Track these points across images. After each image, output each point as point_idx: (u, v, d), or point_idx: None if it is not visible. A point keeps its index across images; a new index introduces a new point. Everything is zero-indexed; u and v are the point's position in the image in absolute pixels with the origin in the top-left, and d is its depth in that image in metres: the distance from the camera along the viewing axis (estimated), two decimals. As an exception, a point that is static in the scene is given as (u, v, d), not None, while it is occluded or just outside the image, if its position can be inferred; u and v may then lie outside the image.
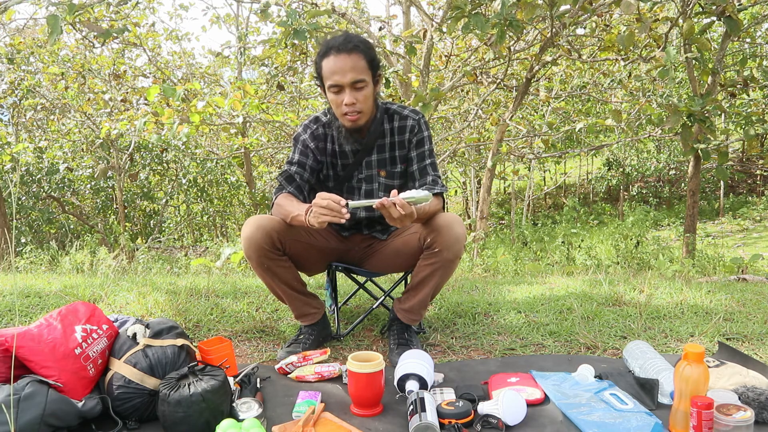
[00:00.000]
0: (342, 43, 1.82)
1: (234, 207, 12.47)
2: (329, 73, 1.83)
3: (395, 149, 2.02)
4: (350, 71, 1.81)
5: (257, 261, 1.89)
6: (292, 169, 1.99)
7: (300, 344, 2.01)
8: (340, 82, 1.82)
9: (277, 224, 1.89)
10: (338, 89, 1.84)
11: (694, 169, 5.88)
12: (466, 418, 1.46)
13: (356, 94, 1.84)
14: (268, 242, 1.87)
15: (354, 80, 1.82)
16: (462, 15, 4.05)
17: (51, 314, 1.53)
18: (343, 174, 2.05)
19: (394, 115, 2.01)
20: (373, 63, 1.87)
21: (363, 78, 1.84)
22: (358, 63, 1.83)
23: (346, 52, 1.81)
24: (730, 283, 3.47)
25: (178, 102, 5.10)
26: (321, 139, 2.02)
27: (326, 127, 2.03)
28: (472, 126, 8.44)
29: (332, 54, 1.82)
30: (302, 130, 2.03)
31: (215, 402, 1.41)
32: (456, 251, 1.84)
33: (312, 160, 2.01)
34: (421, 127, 2.00)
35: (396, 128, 2.00)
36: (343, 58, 1.81)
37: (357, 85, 1.83)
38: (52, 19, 3.24)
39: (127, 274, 4.02)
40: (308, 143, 2.01)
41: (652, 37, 5.17)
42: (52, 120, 9.78)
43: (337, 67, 1.81)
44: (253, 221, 1.90)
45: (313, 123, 2.04)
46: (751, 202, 14.67)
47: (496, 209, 17.64)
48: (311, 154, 2.01)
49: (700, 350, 1.38)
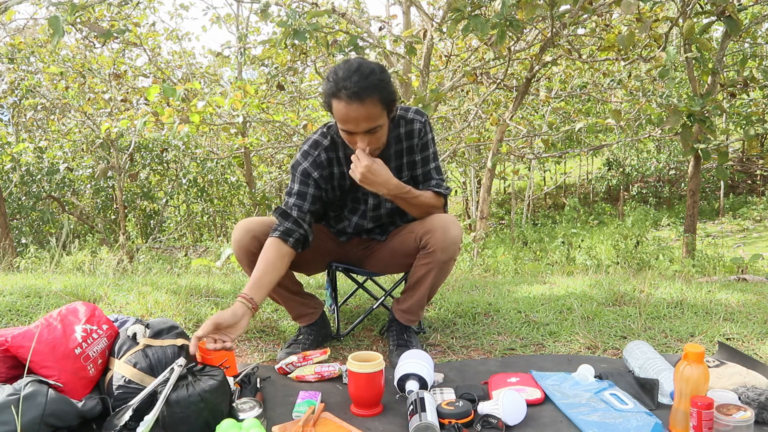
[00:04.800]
0: (355, 91, 1.62)
1: (234, 207, 12.47)
2: (340, 119, 1.69)
3: (403, 156, 1.94)
4: (364, 121, 1.67)
5: (248, 265, 1.90)
6: (290, 201, 1.87)
7: (300, 344, 2.01)
8: (353, 130, 1.70)
9: (266, 228, 1.88)
10: (350, 134, 1.73)
11: (694, 169, 5.88)
12: (466, 418, 1.46)
13: (371, 137, 1.73)
14: (257, 246, 1.85)
15: (367, 129, 1.70)
16: (462, 17, 4.05)
17: (51, 314, 1.53)
18: (350, 186, 1.96)
19: (400, 121, 1.89)
20: (388, 102, 1.71)
21: (378, 124, 1.71)
22: (372, 111, 1.67)
23: (358, 101, 1.63)
24: (730, 283, 3.47)
25: (178, 102, 5.10)
26: (324, 166, 1.89)
27: (329, 150, 1.90)
28: (472, 126, 8.44)
29: (344, 100, 1.64)
30: (301, 158, 1.89)
31: (214, 402, 1.41)
32: (450, 253, 1.83)
33: (314, 188, 1.89)
34: (426, 130, 1.93)
35: (403, 134, 1.91)
36: (356, 108, 1.64)
37: (371, 131, 1.72)
38: (54, 20, 3.22)
39: (127, 274, 4.02)
40: (310, 172, 1.88)
41: (652, 37, 5.16)
42: (52, 120, 9.78)
43: (349, 117, 1.66)
44: (242, 225, 1.89)
45: (313, 149, 1.89)
46: (751, 202, 14.67)
47: (496, 209, 17.64)
48: (313, 182, 1.88)
49: (700, 350, 1.38)
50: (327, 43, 4.56)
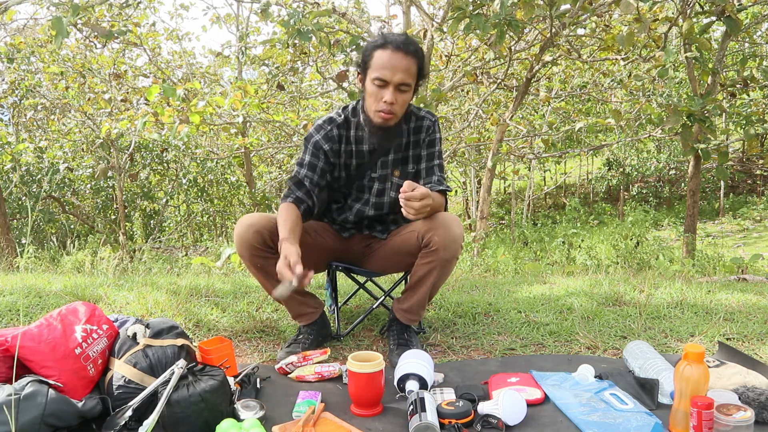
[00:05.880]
0: (403, 42, 1.80)
1: (234, 207, 12.46)
2: (379, 66, 1.80)
3: (410, 149, 2.02)
4: (402, 72, 1.79)
5: (249, 259, 1.90)
6: (302, 172, 1.96)
7: (299, 344, 2.01)
8: (389, 78, 1.79)
9: (270, 223, 1.89)
10: (382, 84, 1.81)
11: (694, 169, 5.88)
12: (466, 418, 1.46)
13: (398, 95, 1.82)
14: (260, 241, 1.87)
15: (402, 82, 1.80)
16: (463, 16, 4.05)
17: (51, 314, 1.53)
18: (356, 173, 2.03)
19: (411, 116, 2.00)
20: (421, 72, 1.86)
21: (410, 83, 1.82)
22: (411, 67, 1.81)
23: (404, 51, 1.79)
24: (730, 283, 3.47)
25: (178, 102, 5.10)
26: (335, 140, 1.98)
27: (341, 127, 1.99)
28: (472, 126, 8.44)
29: (390, 48, 1.79)
30: (314, 131, 1.98)
31: (214, 402, 1.41)
32: (453, 251, 1.85)
33: (323, 161, 1.98)
34: (435, 128, 2.02)
35: (413, 128, 2.01)
36: (400, 57, 1.79)
37: (402, 87, 1.81)
38: (58, 21, 3.21)
39: (127, 274, 4.02)
40: (321, 145, 1.97)
41: (652, 37, 5.17)
42: (52, 120, 9.78)
43: (390, 63, 1.78)
44: (245, 220, 1.90)
45: (327, 123, 1.99)
46: (751, 202, 14.66)
47: (496, 209, 17.62)
48: (323, 155, 1.97)
49: (700, 350, 1.38)
50: (329, 43, 4.56)
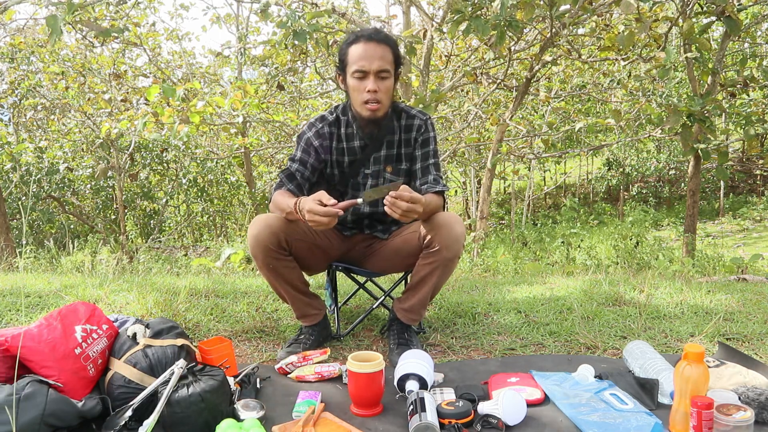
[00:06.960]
0: (373, 33, 1.88)
1: (234, 207, 12.46)
2: (356, 59, 1.86)
3: (402, 146, 2.04)
4: (378, 59, 1.85)
5: (263, 260, 1.90)
6: (294, 166, 2.00)
7: (300, 344, 2.01)
8: (367, 68, 1.85)
9: (284, 224, 1.89)
10: (362, 75, 1.86)
11: (694, 169, 5.88)
12: (466, 418, 1.46)
13: (379, 83, 1.87)
14: (274, 242, 1.87)
15: (380, 69, 1.85)
16: (463, 18, 4.05)
17: (51, 314, 1.53)
18: (350, 170, 2.05)
19: (402, 113, 2.03)
20: (397, 59, 1.92)
21: (388, 68, 1.87)
22: (386, 54, 1.87)
23: (376, 41, 1.86)
24: (730, 283, 3.47)
25: (178, 102, 5.10)
26: (326, 137, 2.01)
27: (332, 125, 2.02)
28: (472, 126, 8.44)
29: (362, 41, 1.86)
30: (307, 128, 2.03)
31: (214, 402, 1.41)
32: (455, 250, 1.85)
33: (314, 158, 2.01)
34: (427, 128, 2.03)
35: (404, 126, 2.03)
36: (373, 47, 1.86)
37: (381, 75, 1.86)
38: (52, 19, 3.22)
39: (127, 274, 4.02)
40: (312, 141, 2.00)
41: (652, 37, 5.16)
42: (52, 120, 9.78)
43: (366, 53, 1.85)
44: (260, 220, 1.89)
45: (318, 122, 2.03)
46: (751, 202, 14.66)
47: (496, 209, 17.63)
48: (314, 152, 2.01)
49: (700, 350, 1.38)
50: (327, 44, 4.56)
